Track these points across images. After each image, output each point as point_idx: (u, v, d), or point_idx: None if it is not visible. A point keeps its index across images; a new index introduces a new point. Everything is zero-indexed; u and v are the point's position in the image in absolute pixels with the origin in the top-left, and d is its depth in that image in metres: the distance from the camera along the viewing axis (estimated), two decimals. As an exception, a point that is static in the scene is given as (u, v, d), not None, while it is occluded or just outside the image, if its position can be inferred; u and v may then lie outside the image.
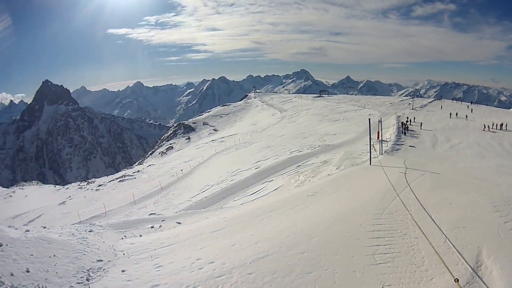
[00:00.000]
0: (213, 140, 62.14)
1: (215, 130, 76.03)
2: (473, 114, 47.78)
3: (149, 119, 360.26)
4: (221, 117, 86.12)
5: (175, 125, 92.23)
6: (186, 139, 74.35)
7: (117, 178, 50.02)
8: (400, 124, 35.96)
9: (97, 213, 30.16)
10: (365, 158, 22.85)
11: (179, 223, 14.50)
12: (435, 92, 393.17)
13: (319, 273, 7.20)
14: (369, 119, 22.14)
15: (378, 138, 25.93)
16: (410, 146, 27.47)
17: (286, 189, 21.17)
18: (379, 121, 26.13)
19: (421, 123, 38.29)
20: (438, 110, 55.58)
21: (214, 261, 8.10)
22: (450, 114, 46.72)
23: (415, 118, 42.75)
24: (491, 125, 36.44)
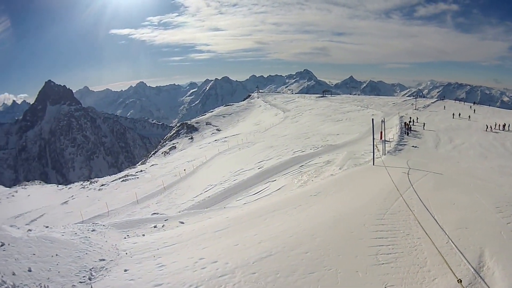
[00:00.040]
0: (216, 140, 62.15)
1: (218, 130, 76.05)
2: (475, 114, 47.60)
3: (152, 119, 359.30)
4: (224, 117, 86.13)
5: (178, 125, 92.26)
6: (189, 139, 74.35)
7: (120, 177, 50.16)
8: (403, 124, 35.93)
9: (100, 212, 30.30)
10: (368, 158, 22.84)
11: (182, 223, 14.53)
12: (438, 92, 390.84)
13: (322, 273, 7.20)
14: (372, 120, 22.13)
15: (381, 138, 25.89)
16: (413, 146, 27.41)
17: (289, 189, 21.18)
18: (382, 121, 26.11)
19: (424, 124, 38.19)
20: (441, 110, 55.41)
21: (217, 261, 8.11)
22: (453, 114, 46.55)
23: (418, 118, 42.64)
24: (494, 126, 36.30)
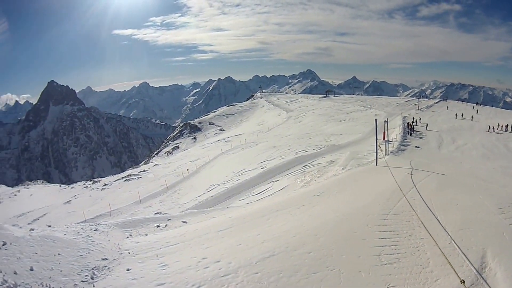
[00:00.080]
0: (219, 140, 62.16)
1: (221, 130, 76.12)
2: (478, 115, 47.40)
3: (155, 119, 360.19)
4: (227, 117, 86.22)
5: (181, 125, 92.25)
6: (192, 138, 74.44)
7: (123, 177, 50.17)
8: (406, 124, 35.81)
9: (102, 212, 30.37)
10: (371, 158, 22.81)
11: (185, 222, 14.56)
12: (441, 92, 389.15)
13: (325, 273, 7.22)
14: (376, 120, 22.09)
15: (384, 138, 25.85)
16: (416, 146, 27.34)
17: (292, 189, 21.18)
18: (385, 122, 26.06)
19: (427, 124, 38.06)
20: (444, 110, 55.19)
21: (220, 260, 8.14)
22: (456, 115, 46.36)
23: (421, 118, 42.52)
24: (497, 127, 36.13)
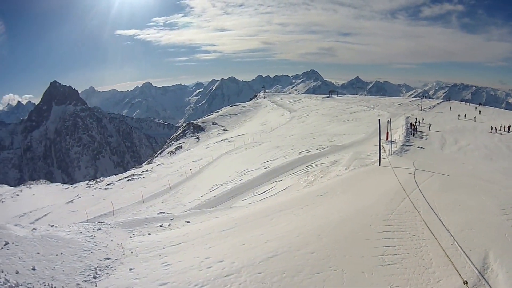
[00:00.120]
0: (222, 139, 62.29)
1: (225, 130, 76.25)
2: (481, 116, 47.27)
3: (158, 119, 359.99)
4: (230, 117, 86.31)
5: (184, 124, 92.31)
6: (195, 138, 74.56)
7: (126, 177, 50.37)
8: (409, 125, 35.78)
9: (105, 211, 30.45)
10: (374, 158, 22.79)
11: (188, 222, 14.60)
12: (443, 93, 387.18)
13: (328, 273, 7.22)
14: (379, 120, 22.09)
15: (387, 138, 25.83)
16: (418, 147, 27.32)
17: (295, 189, 21.21)
18: (388, 122, 26.04)
19: (430, 124, 38.04)
20: (446, 111, 55.09)
21: (223, 260, 8.15)
22: (458, 115, 46.31)
23: (423, 119, 42.53)
24: (499, 127, 36.01)
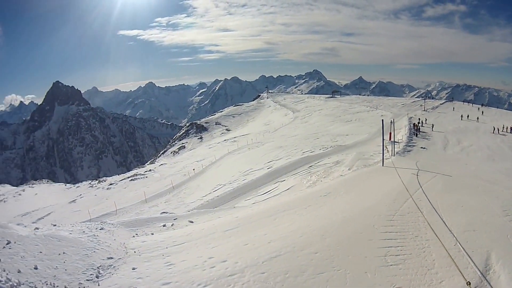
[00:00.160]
0: (225, 139, 62.36)
1: (228, 130, 76.37)
2: (484, 116, 47.02)
3: (161, 119, 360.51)
4: (233, 117, 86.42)
5: (188, 124, 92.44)
6: (198, 138, 74.71)
7: (129, 177, 50.44)
8: (412, 125, 35.68)
9: (108, 211, 30.56)
10: (377, 159, 22.78)
11: (191, 222, 14.61)
12: (446, 93, 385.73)
13: (331, 274, 7.24)
14: (382, 120, 22.07)
15: (390, 139, 25.78)
16: (421, 147, 27.25)
17: (298, 189, 21.20)
18: (391, 122, 26.00)
19: (433, 125, 37.87)
20: (449, 111, 54.82)
21: (226, 260, 8.17)
22: (461, 116, 46.09)
23: (426, 119, 42.30)
24: (501, 128, 35.86)
